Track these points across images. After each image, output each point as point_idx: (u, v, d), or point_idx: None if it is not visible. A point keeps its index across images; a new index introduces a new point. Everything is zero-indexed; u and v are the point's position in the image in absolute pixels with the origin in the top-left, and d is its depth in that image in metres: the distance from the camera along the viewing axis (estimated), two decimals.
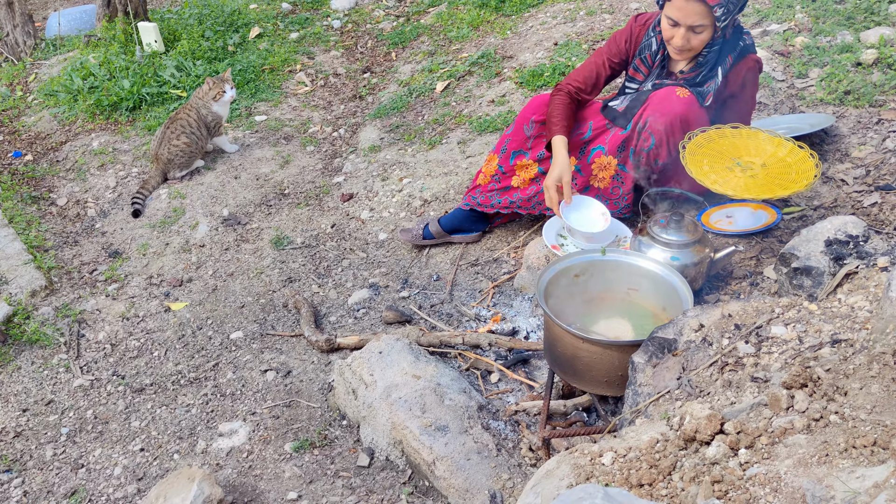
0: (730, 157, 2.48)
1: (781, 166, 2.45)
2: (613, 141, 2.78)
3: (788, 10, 3.88)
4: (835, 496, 1.20)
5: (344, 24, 5.60)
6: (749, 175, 2.43)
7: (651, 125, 2.59)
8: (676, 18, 2.45)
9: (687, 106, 2.56)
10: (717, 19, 2.41)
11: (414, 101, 4.36)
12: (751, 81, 2.63)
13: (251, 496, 2.31)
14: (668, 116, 2.55)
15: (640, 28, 2.71)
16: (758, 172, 2.44)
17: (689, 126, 2.56)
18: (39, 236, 3.61)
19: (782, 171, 2.43)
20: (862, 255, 1.94)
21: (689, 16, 2.42)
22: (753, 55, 2.61)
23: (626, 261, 2.31)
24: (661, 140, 2.59)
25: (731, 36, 2.55)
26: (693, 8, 2.40)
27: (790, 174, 2.41)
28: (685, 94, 2.57)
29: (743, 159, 2.48)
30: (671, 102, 2.56)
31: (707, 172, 2.40)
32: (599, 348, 2.03)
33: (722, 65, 2.57)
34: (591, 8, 4.59)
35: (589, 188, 2.87)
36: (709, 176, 2.39)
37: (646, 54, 2.68)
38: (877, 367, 1.41)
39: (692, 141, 2.47)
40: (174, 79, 4.66)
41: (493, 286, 2.97)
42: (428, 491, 2.22)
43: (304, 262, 3.35)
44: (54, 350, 2.97)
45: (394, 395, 2.32)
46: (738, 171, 2.45)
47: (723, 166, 2.45)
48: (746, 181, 2.40)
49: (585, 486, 1.26)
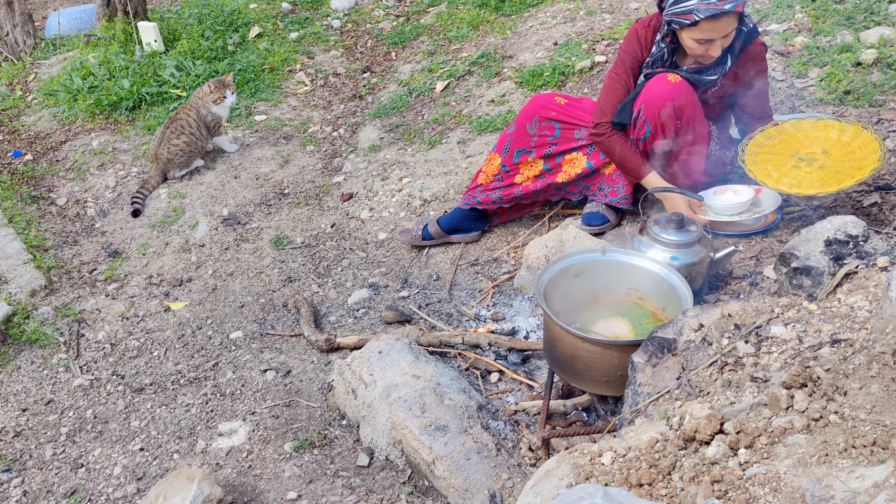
0: (789, 154, 2.45)
1: (843, 150, 2.41)
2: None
3: (788, 10, 3.88)
4: (834, 496, 1.20)
5: (344, 24, 5.60)
6: (818, 167, 2.39)
7: (644, 112, 2.61)
8: (710, 37, 2.44)
9: (677, 90, 2.56)
10: (741, 16, 2.43)
11: (414, 101, 4.36)
12: (760, 65, 2.63)
13: (251, 496, 2.31)
14: (660, 101, 2.56)
15: (648, 32, 2.68)
16: (824, 162, 2.40)
17: (681, 111, 2.57)
18: (39, 236, 3.61)
19: (845, 156, 2.39)
20: (862, 255, 1.94)
21: (724, 30, 2.43)
22: (758, 38, 2.62)
23: (626, 261, 2.31)
24: (656, 127, 2.60)
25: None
26: (725, 22, 2.41)
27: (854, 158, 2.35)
28: (676, 79, 2.58)
29: (802, 152, 2.46)
30: (661, 88, 2.57)
31: (777, 178, 2.37)
32: (599, 348, 2.03)
33: (731, 51, 2.57)
34: (591, 8, 4.59)
35: (595, 173, 2.91)
36: (781, 181, 2.37)
37: (657, 66, 2.67)
38: (876, 367, 1.41)
39: (752, 141, 2.45)
40: (174, 78, 4.66)
41: (493, 286, 2.97)
42: (428, 491, 2.22)
43: (303, 261, 3.35)
44: (54, 350, 2.97)
45: (393, 394, 2.32)
46: (803, 165, 2.41)
47: (788, 165, 2.42)
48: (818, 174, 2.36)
49: (585, 486, 1.26)
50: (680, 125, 2.61)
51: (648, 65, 2.69)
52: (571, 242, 2.76)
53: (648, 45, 2.68)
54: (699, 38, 2.46)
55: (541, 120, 2.90)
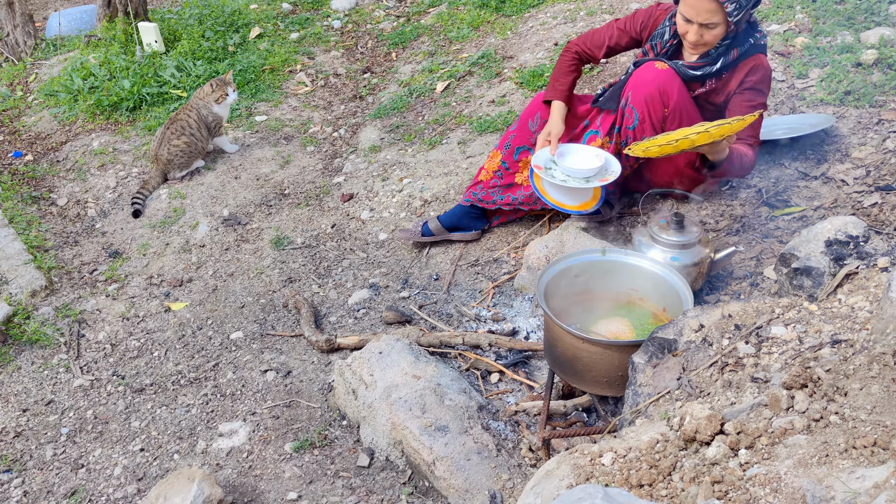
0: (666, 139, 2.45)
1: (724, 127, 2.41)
2: (605, 124, 2.83)
3: (788, 11, 3.88)
4: (835, 496, 1.19)
5: (344, 25, 5.60)
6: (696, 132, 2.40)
7: (631, 100, 2.62)
8: (689, 16, 2.46)
9: (664, 77, 2.57)
10: (728, 15, 2.41)
11: (414, 102, 4.36)
12: (751, 83, 2.59)
13: (251, 496, 2.31)
14: (647, 88, 2.58)
15: (661, 13, 2.73)
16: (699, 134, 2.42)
17: (668, 97, 2.58)
18: (40, 236, 3.61)
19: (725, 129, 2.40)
20: (862, 255, 1.94)
21: (701, 13, 2.43)
22: (762, 56, 2.59)
23: (627, 261, 2.31)
24: (644, 114, 2.61)
25: (743, 31, 2.55)
26: (704, 5, 2.41)
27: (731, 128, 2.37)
28: (663, 67, 2.59)
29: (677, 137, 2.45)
30: (648, 75, 2.59)
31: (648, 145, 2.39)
32: (599, 348, 2.03)
33: (725, 55, 2.57)
34: (591, 8, 4.59)
35: None
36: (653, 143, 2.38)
37: (657, 41, 2.70)
38: (877, 368, 1.41)
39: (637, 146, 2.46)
40: (174, 79, 4.66)
41: (493, 286, 2.97)
42: (428, 491, 2.22)
43: (304, 262, 3.35)
44: (54, 350, 2.97)
45: (394, 395, 2.32)
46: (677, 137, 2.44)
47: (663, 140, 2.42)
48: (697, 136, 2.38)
49: (585, 487, 1.26)
50: (667, 113, 2.61)
51: (648, 40, 2.73)
52: (572, 243, 2.76)
53: (654, 26, 2.73)
54: (683, 15, 2.49)
55: (542, 117, 2.90)
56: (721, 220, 2.87)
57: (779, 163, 3.06)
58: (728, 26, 2.46)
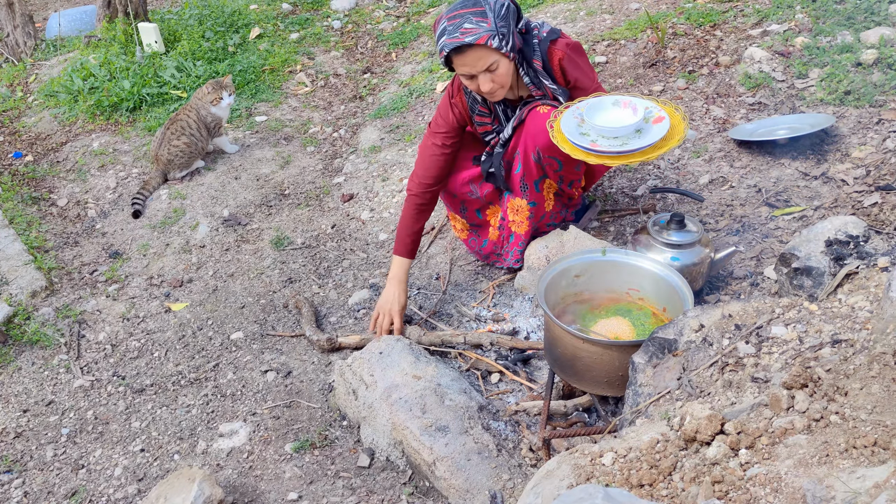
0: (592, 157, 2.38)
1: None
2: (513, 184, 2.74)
3: (788, 11, 3.88)
4: (835, 496, 1.20)
5: (344, 25, 5.60)
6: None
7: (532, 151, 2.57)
8: (468, 72, 2.41)
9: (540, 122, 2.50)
10: (499, 49, 2.34)
11: (414, 102, 4.36)
12: (571, 66, 2.52)
13: (251, 496, 2.31)
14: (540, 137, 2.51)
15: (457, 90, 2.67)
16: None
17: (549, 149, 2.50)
18: (40, 237, 3.61)
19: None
20: (862, 255, 1.94)
21: (476, 63, 2.37)
22: (556, 43, 2.50)
23: (627, 261, 2.31)
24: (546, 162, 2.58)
25: (524, 45, 2.48)
26: (472, 57, 2.36)
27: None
28: (545, 111, 2.52)
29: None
30: (537, 124, 2.52)
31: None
32: (600, 349, 2.03)
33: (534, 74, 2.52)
34: (591, 8, 4.59)
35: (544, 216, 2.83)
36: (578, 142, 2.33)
37: (478, 107, 2.66)
38: (877, 368, 1.41)
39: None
40: (174, 79, 4.66)
41: (493, 286, 2.97)
42: (428, 491, 2.22)
43: (304, 262, 3.35)
44: (55, 351, 2.97)
45: (394, 395, 2.33)
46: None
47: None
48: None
49: (586, 487, 1.26)
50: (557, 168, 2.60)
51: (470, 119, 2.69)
52: (572, 243, 2.76)
53: (464, 107, 2.68)
54: (463, 74, 2.43)
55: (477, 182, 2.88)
56: (721, 220, 2.87)
57: (779, 163, 3.06)
58: (508, 56, 2.39)
